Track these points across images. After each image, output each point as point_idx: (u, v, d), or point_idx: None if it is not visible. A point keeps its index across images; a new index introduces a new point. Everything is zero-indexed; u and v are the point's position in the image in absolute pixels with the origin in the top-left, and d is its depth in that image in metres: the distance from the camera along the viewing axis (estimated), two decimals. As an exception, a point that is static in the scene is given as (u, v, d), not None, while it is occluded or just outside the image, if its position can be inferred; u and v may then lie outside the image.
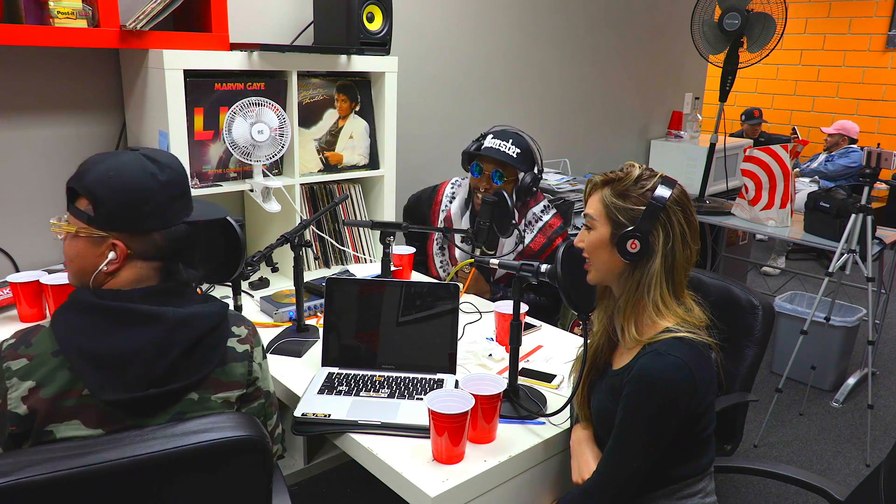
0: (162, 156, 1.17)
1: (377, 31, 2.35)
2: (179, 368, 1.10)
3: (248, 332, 1.24)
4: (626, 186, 1.28)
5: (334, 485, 2.39)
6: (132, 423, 1.07)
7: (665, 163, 4.10)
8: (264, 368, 1.28)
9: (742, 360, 1.79)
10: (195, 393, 1.13)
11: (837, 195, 3.05)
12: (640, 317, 1.29)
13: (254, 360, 1.23)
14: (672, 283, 1.28)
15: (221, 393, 1.16)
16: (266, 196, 2.16)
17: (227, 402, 1.17)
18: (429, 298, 1.64)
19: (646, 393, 1.23)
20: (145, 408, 1.09)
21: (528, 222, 2.28)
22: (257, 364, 1.24)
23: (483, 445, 1.37)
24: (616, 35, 3.78)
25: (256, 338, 1.27)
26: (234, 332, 1.22)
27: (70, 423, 1.05)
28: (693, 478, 1.33)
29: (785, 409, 3.06)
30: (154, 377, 1.07)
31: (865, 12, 6.17)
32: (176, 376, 1.10)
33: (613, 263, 1.30)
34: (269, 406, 1.30)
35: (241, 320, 1.26)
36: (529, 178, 2.19)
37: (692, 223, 1.28)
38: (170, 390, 1.09)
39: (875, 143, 4.52)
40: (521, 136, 2.21)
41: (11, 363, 1.06)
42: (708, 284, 1.83)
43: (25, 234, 2.06)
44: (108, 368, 1.05)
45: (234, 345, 1.21)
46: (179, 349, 1.09)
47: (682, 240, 1.27)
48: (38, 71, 2.01)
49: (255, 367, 1.23)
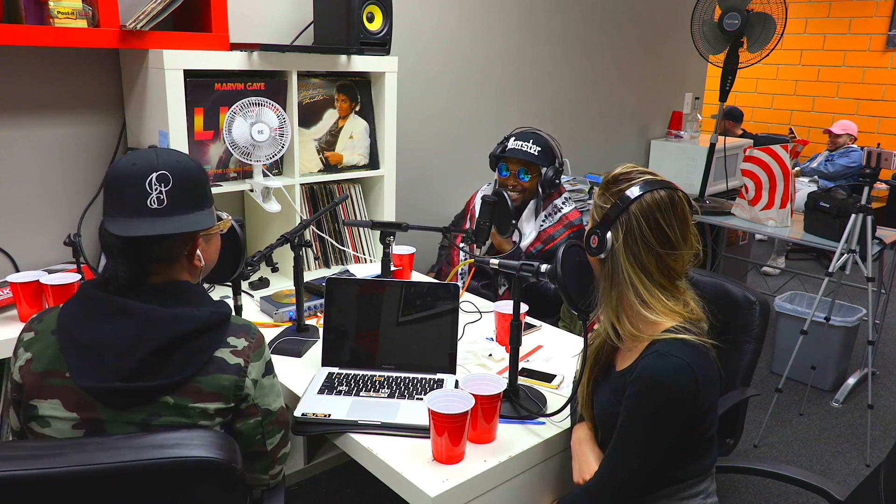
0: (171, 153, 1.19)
1: (377, 31, 2.35)
2: (151, 367, 1.09)
3: (247, 345, 1.20)
4: (606, 185, 1.32)
5: (334, 485, 2.39)
6: (106, 416, 1.10)
7: (665, 163, 4.10)
8: (264, 385, 1.23)
9: (741, 356, 1.81)
10: (171, 397, 1.10)
11: (837, 195, 3.05)
12: (627, 311, 1.29)
13: (247, 375, 1.18)
14: (651, 279, 1.27)
15: (200, 403, 1.13)
16: (266, 196, 2.16)
17: (204, 412, 1.13)
18: (429, 298, 1.64)
19: (648, 394, 1.23)
20: (116, 400, 1.09)
21: (548, 213, 2.43)
22: (251, 380, 1.19)
23: (483, 445, 1.37)
24: (616, 35, 3.78)
25: (258, 352, 1.22)
26: (230, 342, 1.18)
27: (52, 401, 1.10)
28: (695, 478, 1.33)
29: (785, 409, 3.06)
30: (123, 371, 1.08)
31: (865, 12, 6.17)
32: (146, 374, 1.09)
33: (593, 261, 1.34)
34: (268, 424, 1.25)
35: (245, 331, 1.22)
36: (552, 172, 2.37)
37: (661, 229, 1.26)
38: (140, 388, 1.09)
39: (875, 143, 4.52)
40: (539, 134, 2.41)
41: (25, 334, 1.18)
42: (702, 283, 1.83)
43: (25, 234, 2.06)
44: (89, 356, 1.10)
45: (226, 355, 1.16)
46: (149, 347, 1.08)
47: (644, 243, 1.25)
48: (38, 71, 2.01)
49: (247, 383, 1.18)
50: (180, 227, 1.15)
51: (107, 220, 1.14)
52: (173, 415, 1.11)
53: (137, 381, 1.08)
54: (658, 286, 1.28)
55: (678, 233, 1.27)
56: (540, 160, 2.35)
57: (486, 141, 3.16)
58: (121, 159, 1.17)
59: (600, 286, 1.35)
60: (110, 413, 1.10)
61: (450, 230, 2.26)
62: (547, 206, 2.43)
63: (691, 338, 1.24)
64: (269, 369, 1.26)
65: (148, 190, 1.13)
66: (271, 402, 1.25)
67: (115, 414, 1.10)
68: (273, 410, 1.26)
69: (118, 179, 1.14)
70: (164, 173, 1.14)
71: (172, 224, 1.14)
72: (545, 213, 2.42)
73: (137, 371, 1.08)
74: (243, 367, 1.18)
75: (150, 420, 1.10)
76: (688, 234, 1.29)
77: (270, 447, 1.27)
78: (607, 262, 1.29)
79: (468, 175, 3.16)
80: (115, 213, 1.14)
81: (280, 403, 1.28)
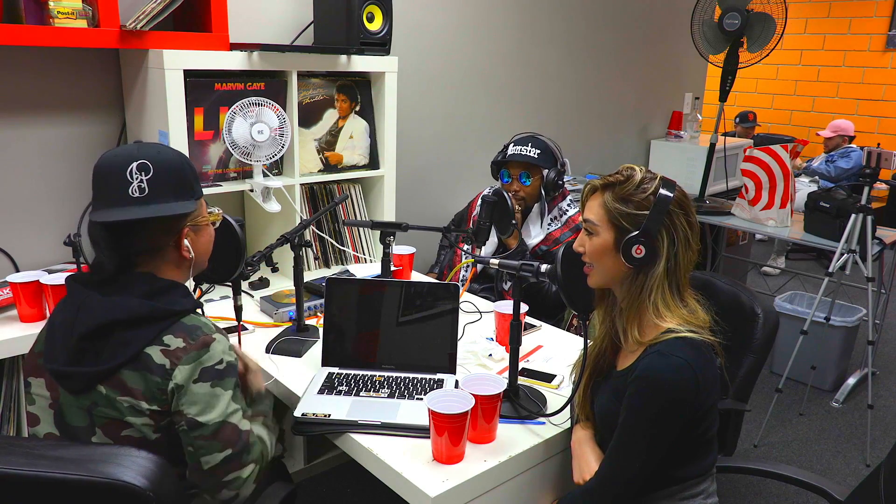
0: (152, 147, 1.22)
1: (377, 31, 2.34)
2: (86, 353, 1.14)
3: (183, 346, 1.13)
4: (629, 191, 1.26)
5: (334, 485, 2.39)
6: (64, 400, 1.17)
7: (665, 163, 4.10)
8: (194, 392, 1.12)
9: (738, 368, 1.73)
10: (103, 387, 1.13)
11: (837, 195, 3.05)
12: (641, 319, 1.29)
13: (172, 378, 1.11)
14: (674, 284, 1.28)
15: (126, 397, 1.12)
16: (266, 196, 2.16)
17: (133, 409, 1.11)
18: (429, 298, 1.64)
19: (648, 393, 1.22)
20: (66, 384, 1.16)
21: (554, 217, 2.44)
22: (175, 384, 1.11)
23: (483, 445, 1.37)
24: (616, 35, 3.78)
25: (194, 355, 1.13)
26: (165, 340, 1.13)
27: (39, 380, 1.20)
28: (695, 479, 1.33)
29: (785, 409, 3.06)
30: (64, 355, 1.15)
31: (865, 12, 6.17)
32: (83, 360, 1.13)
33: (617, 269, 1.28)
34: (197, 438, 1.13)
35: (188, 332, 1.14)
36: (554, 174, 2.38)
37: (693, 224, 1.28)
38: (76, 373, 1.14)
39: (875, 143, 4.52)
40: (538, 138, 2.42)
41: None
42: (719, 289, 1.79)
43: (25, 234, 2.06)
44: (52, 339, 1.18)
45: (154, 353, 1.12)
46: (78, 331, 1.13)
47: (686, 242, 1.26)
48: (38, 71, 2.01)
49: (169, 387, 1.11)
50: (157, 211, 1.16)
51: (91, 213, 1.17)
52: (107, 406, 1.14)
53: (75, 365, 1.14)
54: (675, 292, 1.28)
55: (697, 227, 1.29)
56: (540, 162, 2.35)
57: (487, 141, 3.16)
58: (105, 153, 1.19)
59: (620, 294, 1.32)
60: (67, 397, 1.16)
61: (450, 230, 2.27)
62: (552, 208, 2.44)
63: (692, 335, 1.24)
64: (211, 377, 1.14)
65: (129, 179, 1.15)
66: (200, 413, 1.13)
67: (71, 399, 1.16)
68: (203, 423, 1.13)
69: (100, 171, 1.18)
70: (144, 162, 1.16)
71: (150, 210, 1.16)
72: (551, 216, 2.43)
73: (74, 356, 1.14)
74: (168, 369, 1.12)
75: (91, 408, 1.14)
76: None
77: (206, 466, 1.14)
78: (642, 272, 1.26)
79: (468, 175, 3.16)
80: (100, 204, 1.17)
81: (217, 418, 1.14)
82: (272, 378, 1.63)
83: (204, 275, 1.48)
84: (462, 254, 2.47)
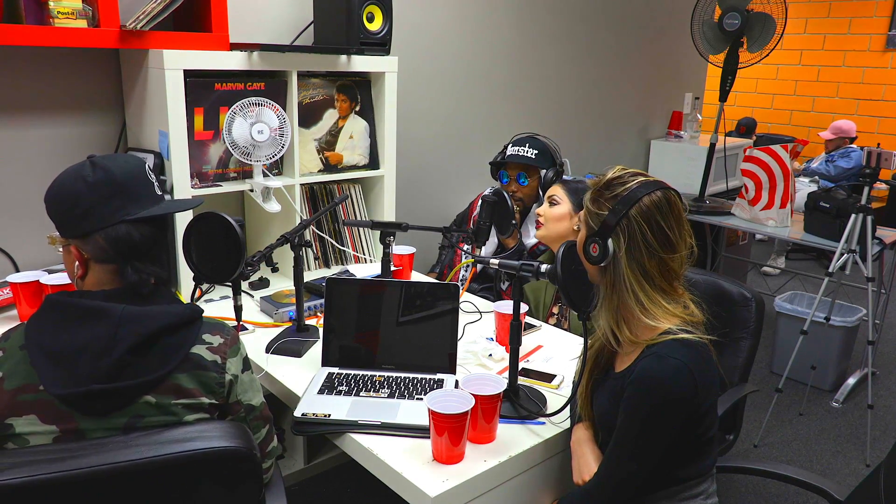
0: (108, 159, 1.16)
1: (377, 31, 2.34)
2: (129, 367, 1.07)
3: (222, 341, 1.19)
4: (599, 191, 1.29)
5: (334, 485, 2.39)
6: (85, 425, 1.06)
7: (665, 163, 4.10)
8: (243, 381, 1.23)
9: (738, 352, 1.82)
10: (151, 396, 1.09)
11: (837, 195, 3.05)
12: (627, 317, 1.28)
13: (226, 371, 1.18)
14: (652, 283, 1.26)
15: (182, 399, 1.12)
16: (266, 196, 2.16)
17: (189, 407, 1.12)
18: (429, 298, 1.64)
19: (646, 395, 1.22)
20: (95, 406, 1.07)
21: None
22: (231, 376, 1.19)
23: (483, 445, 1.37)
24: (616, 35, 3.78)
25: (234, 348, 1.21)
26: (206, 339, 1.17)
27: (27, 417, 1.06)
28: (695, 479, 1.33)
29: (785, 409, 3.06)
30: (99, 373, 1.06)
31: (865, 12, 6.17)
32: (124, 374, 1.07)
33: (589, 266, 1.32)
34: (252, 420, 1.26)
35: (219, 329, 1.21)
36: (552, 173, 2.37)
37: (663, 231, 1.25)
38: (118, 389, 1.06)
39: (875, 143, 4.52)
40: (537, 138, 2.43)
41: None
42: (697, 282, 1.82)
43: (25, 234, 2.06)
44: (62, 364, 1.07)
45: (202, 352, 1.15)
46: (125, 345, 1.07)
47: (647, 248, 1.24)
48: (38, 71, 2.01)
49: (227, 379, 1.18)
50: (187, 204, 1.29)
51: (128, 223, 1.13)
52: (157, 414, 1.09)
53: (116, 381, 1.06)
54: (659, 290, 1.27)
55: (677, 233, 1.26)
56: (538, 162, 2.36)
57: (487, 140, 3.16)
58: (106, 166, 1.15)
59: (600, 292, 1.34)
60: (89, 421, 1.07)
61: (450, 230, 2.26)
62: None
63: (689, 336, 1.24)
64: (247, 365, 1.26)
65: (151, 179, 1.19)
66: (252, 398, 1.26)
67: (95, 422, 1.07)
68: (255, 406, 1.27)
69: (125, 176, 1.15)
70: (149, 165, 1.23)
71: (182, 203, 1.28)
72: None
73: (115, 372, 1.06)
74: (220, 364, 1.17)
75: (133, 423, 1.08)
76: (684, 232, 1.28)
77: (259, 440, 1.28)
78: (608, 270, 1.28)
79: (468, 175, 3.16)
80: (136, 208, 1.15)
81: (261, 399, 1.29)
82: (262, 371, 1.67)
83: (204, 275, 1.48)
84: (462, 254, 2.47)
